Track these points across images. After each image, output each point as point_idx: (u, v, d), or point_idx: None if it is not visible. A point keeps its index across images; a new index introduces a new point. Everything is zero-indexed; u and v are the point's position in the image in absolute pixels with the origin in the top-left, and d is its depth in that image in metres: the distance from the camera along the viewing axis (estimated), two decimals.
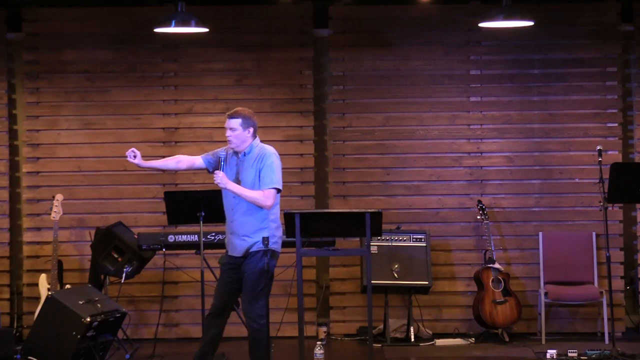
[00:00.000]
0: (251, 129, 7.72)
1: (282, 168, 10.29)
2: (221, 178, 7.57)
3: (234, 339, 9.78)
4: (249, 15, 10.41)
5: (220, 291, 7.79)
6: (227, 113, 7.76)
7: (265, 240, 7.46)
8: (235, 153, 7.76)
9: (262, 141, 10.40)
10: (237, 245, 7.65)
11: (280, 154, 10.30)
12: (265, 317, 7.61)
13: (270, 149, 7.78)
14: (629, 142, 10.44)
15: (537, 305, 10.14)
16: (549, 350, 9.04)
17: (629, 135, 10.44)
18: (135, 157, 7.69)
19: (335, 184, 10.43)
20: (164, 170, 8.00)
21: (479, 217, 10.13)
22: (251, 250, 7.60)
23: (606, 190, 8.93)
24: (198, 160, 7.90)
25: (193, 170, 8.56)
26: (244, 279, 7.64)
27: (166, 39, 10.22)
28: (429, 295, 10.08)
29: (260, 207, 7.59)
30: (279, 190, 7.66)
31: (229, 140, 7.70)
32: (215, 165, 7.79)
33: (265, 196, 7.58)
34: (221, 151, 7.82)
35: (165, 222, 9.60)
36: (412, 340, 9.81)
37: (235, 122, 7.66)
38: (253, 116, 7.76)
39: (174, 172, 8.14)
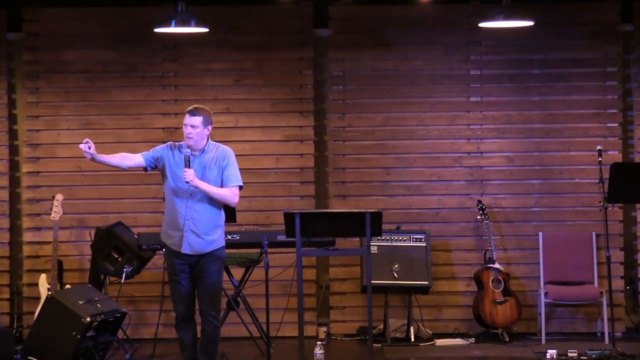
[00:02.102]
0: (210, 127, 7.74)
1: (282, 168, 10.36)
2: (193, 176, 7.56)
3: (234, 339, 9.79)
4: (249, 15, 10.41)
5: (183, 294, 7.84)
6: (187, 110, 7.72)
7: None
8: (187, 151, 7.70)
9: (261, 141, 10.49)
10: (195, 244, 7.67)
11: (280, 154, 10.40)
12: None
13: (228, 147, 7.84)
14: (629, 142, 10.44)
15: (537, 305, 10.14)
16: (549, 350, 9.04)
17: (629, 135, 10.44)
18: (90, 148, 7.62)
19: (335, 184, 10.43)
20: (113, 166, 7.94)
21: (479, 217, 10.13)
22: (212, 248, 7.69)
23: (606, 190, 8.93)
24: (138, 158, 7.89)
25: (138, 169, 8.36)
26: (205, 277, 7.71)
27: (166, 39, 10.22)
28: (429, 295, 10.08)
29: (226, 204, 7.74)
30: (241, 188, 7.80)
31: (188, 137, 7.67)
32: (154, 165, 7.77)
33: (233, 193, 7.70)
34: (163, 149, 7.76)
35: None
36: (412, 340, 9.81)
37: (197, 120, 7.65)
38: (211, 115, 7.78)
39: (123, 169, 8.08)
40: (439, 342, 9.91)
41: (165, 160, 7.76)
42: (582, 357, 8.96)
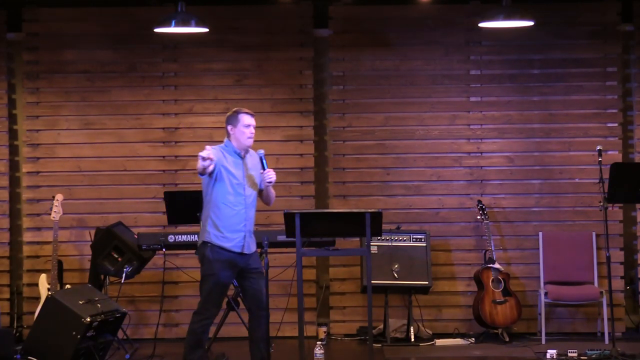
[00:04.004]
0: None
1: (282, 168, 10.36)
2: (274, 176, 7.86)
3: (234, 339, 9.79)
4: (249, 15, 10.41)
5: (224, 297, 8.02)
6: (246, 111, 7.90)
7: None
8: (236, 153, 7.81)
9: (261, 141, 10.48)
10: (251, 244, 7.90)
11: (280, 154, 10.41)
12: None
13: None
14: (629, 142, 10.44)
15: (537, 305, 10.14)
16: (549, 350, 9.04)
17: (629, 135, 10.44)
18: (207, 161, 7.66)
19: (335, 184, 10.43)
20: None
21: (479, 217, 10.13)
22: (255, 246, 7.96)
23: (606, 190, 8.93)
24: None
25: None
26: (259, 275, 7.87)
27: (166, 39, 10.22)
28: (429, 295, 10.08)
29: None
30: None
31: (251, 138, 7.88)
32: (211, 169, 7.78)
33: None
34: (215, 153, 7.74)
35: (165, 222, 9.60)
36: (412, 340, 9.81)
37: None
38: None
39: None
40: (439, 342, 9.91)
41: (219, 164, 7.77)
42: (582, 357, 8.96)
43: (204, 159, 7.55)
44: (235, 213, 7.78)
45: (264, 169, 7.87)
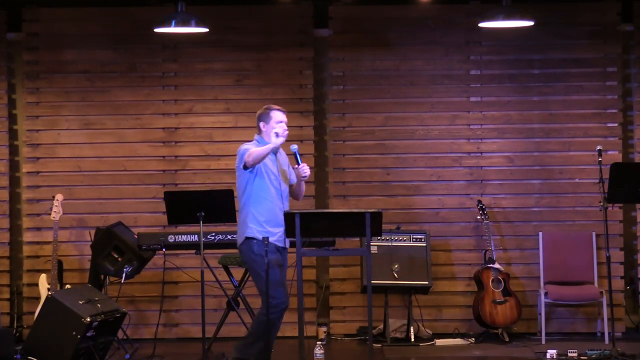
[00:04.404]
0: None
1: None
2: (309, 170, 8.06)
3: (234, 339, 9.78)
4: (249, 15, 10.41)
5: (284, 281, 8.17)
6: (278, 108, 8.05)
7: None
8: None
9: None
10: (286, 238, 8.03)
11: None
12: None
13: None
14: (629, 142, 10.44)
15: (537, 305, 10.14)
16: (549, 350, 9.03)
17: (629, 135, 10.44)
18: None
19: (335, 184, 10.43)
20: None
21: (479, 217, 10.13)
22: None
23: (606, 190, 8.92)
24: None
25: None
26: (283, 267, 8.10)
27: (166, 39, 10.22)
28: (429, 295, 10.07)
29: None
30: None
31: (284, 135, 8.02)
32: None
33: None
34: (252, 146, 7.95)
35: (165, 222, 9.59)
36: (412, 340, 9.81)
37: None
38: None
39: None
40: (439, 342, 9.91)
41: None
42: (582, 357, 8.96)
43: (278, 135, 7.85)
44: (275, 207, 7.90)
45: (298, 163, 7.99)
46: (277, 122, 8.03)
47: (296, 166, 8.03)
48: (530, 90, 10.39)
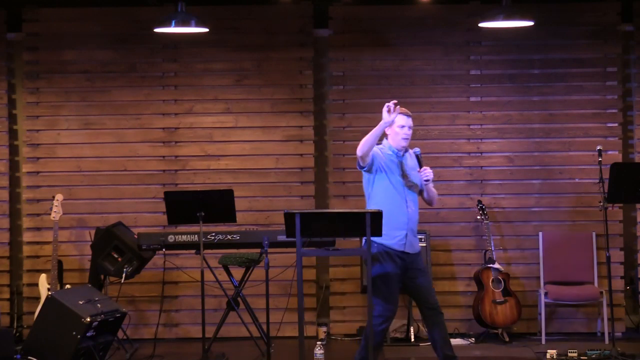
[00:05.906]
0: None
1: (282, 168, 10.37)
2: (431, 174, 7.78)
3: (234, 339, 9.79)
4: (249, 15, 10.41)
5: (398, 294, 7.84)
6: (403, 112, 7.68)
7: None
8: (394, 152, 7.79)
9: (261, 141, 10.50)
10: (415, 243, 7.84)
11: (280, 154, 10.40)
12: None
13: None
14: (629, 142, 10.44)
15: (537, 305, 10.14)
16: (549, 350, 9.04)
17: (629, 135, 10.45)
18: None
19: (335, 184, 10.43)
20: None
21: (479, 217, 10.13)
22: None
23: (606, 190, 8.92)
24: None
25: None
26: (424, 273, 7.84)
27: (166, 39, 10.23)
28: None
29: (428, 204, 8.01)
30: None
31: (406, 139, 7.76)
32: (371, 162, 7.71)
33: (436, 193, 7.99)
34: (377, 149, 7.74)
35: (165, 222, 9.59)
36: (412, 340, 9.82)
37: (411, 121, 7.82)
38: None
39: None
40: None
41: (378, 160, 7.74)
42: (582, 357, 8.96)
43: (390, 110, 7.50)
44: (396, 211, 7.75)
45: (420, 167, 7.84)
46: (400, 127, 7.74)
47: (418, 170, 7.84)
48: (530, 90, 10.39)
